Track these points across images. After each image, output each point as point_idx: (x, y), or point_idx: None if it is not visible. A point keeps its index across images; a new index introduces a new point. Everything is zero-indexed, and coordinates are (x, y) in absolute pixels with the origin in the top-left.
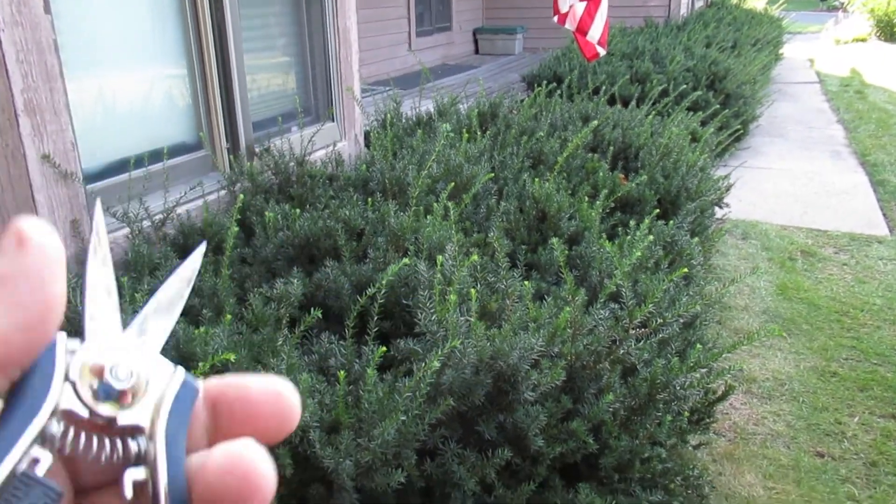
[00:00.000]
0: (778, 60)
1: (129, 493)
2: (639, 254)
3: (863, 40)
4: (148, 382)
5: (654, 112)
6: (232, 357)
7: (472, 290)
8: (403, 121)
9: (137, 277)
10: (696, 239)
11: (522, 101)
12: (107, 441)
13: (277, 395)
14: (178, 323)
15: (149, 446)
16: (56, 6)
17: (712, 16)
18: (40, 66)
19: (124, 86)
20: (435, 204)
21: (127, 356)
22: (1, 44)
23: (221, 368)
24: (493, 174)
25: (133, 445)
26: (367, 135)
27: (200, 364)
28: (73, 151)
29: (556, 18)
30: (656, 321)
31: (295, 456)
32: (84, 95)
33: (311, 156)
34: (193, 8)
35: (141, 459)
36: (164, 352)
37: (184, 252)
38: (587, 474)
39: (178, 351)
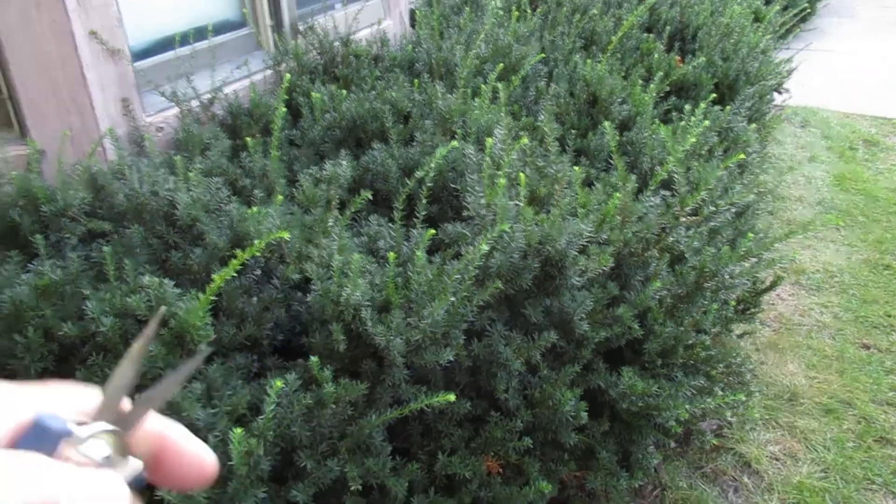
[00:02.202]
0: None
1: None
2: (693, 140)
3: None
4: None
5: None
6: (286, 235)
7: (521, 175)
8: None
9: (189, 157)
10: (753, 125)
11: None
12: None
13: (201, 465)
14: (232, 203)
15: None
16: None
17: None
18: None
19: None
20: (483, 86)
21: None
22: None
23: (275, 246)
24: (544, 55)
25: None
26: (411, 13)
27: (256, 242)
28: (119, 28)
29: None
30: (708, 209)
31: (348, 332)
32: None
33: (356, 35)
34: None
35: None
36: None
37: (233, 132)
38: (630, 359)
39: (232, 230)
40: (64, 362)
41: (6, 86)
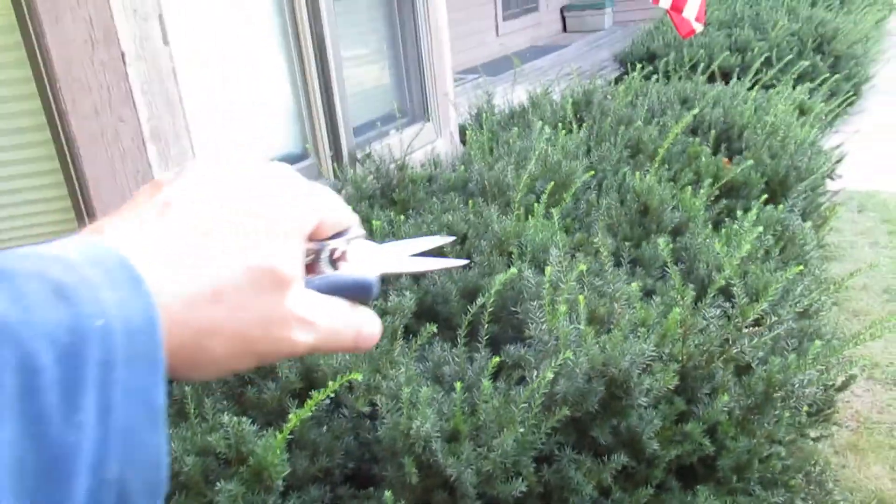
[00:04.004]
0: (893, 11)
1: None
2: (748, 247)
3: None
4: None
5: (756, 85)
6: (359, 377)
7: (580, 297)
8: (496, 114)
9: None
10: (809, 223)
11: (619, 78)
12: None
13: None
14: None
15: None
16: (171, 37)
17: None
18: (162, 95)
19: (236, 106)
20: (536, 204)
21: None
22: (128, 78)
23: (349, 387)
24: (593, 172)
25: None
26: (461, 130)
27: (330, 383)
28: None
29: None
30: (770, 318)
31: (419, 464)
32: (200, 117)
33: (411, 155)
34: (294, 29)
35: None
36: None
37: None
38: (704, 475)
39: (302, 362)
40: None
41: None
